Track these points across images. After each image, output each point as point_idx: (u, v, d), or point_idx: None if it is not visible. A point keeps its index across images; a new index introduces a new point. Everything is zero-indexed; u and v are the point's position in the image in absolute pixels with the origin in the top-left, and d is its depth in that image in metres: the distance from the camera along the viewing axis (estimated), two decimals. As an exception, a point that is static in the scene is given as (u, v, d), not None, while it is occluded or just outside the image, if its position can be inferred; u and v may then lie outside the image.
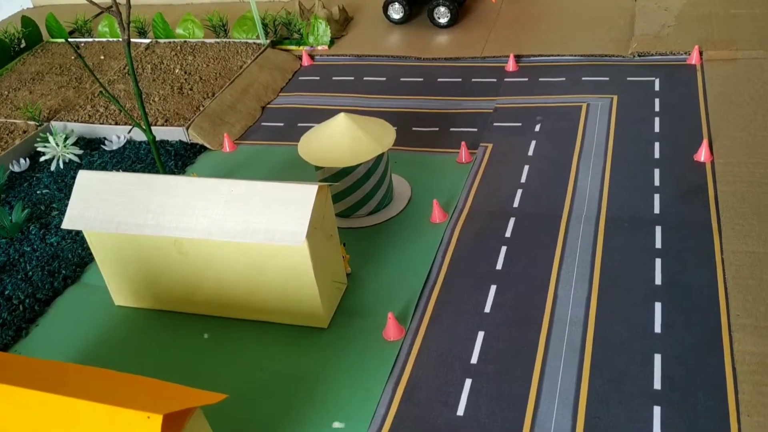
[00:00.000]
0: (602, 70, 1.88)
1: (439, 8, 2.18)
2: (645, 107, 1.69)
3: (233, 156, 1.81)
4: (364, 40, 2.23)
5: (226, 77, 2.07)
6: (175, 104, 1.97)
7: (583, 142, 1.61)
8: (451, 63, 2.05)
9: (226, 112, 1.93)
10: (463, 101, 1.86)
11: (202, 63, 2.17)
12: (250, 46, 2.23)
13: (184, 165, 1.79)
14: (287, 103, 2.00)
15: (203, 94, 2.00)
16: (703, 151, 1.48)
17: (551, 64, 1.95)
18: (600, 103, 1.74)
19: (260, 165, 1.75)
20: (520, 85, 1.88)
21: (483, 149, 1.66)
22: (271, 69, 2.12)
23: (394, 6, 2.25)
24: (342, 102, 1.95)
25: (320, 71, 2.13)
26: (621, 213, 1.37)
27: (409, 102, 1.90)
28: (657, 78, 1.80)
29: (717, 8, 2.02)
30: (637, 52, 1.90)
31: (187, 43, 2.31)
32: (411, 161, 1.66)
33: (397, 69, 2.07)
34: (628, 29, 2.02)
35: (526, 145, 1.64)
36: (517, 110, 1.78)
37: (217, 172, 1.74)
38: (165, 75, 2.14)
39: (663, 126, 1.61)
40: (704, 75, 1.77)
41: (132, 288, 1.32)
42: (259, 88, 2.04)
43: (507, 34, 2.12)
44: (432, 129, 1.78)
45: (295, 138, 1.82)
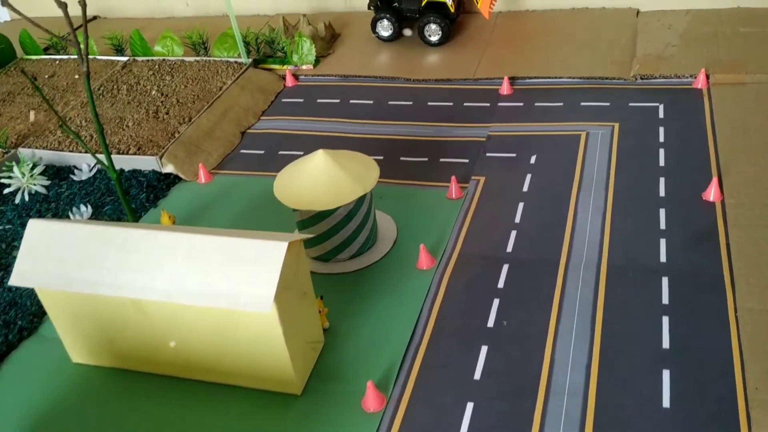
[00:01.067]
0: (602, 94, 1.76)
1: (430, 25, 2.07)
2: (648, 137, 1.58)
3: (209, 188, 1.69)
4: (351, 59, 2.12)
5: (204, 100, 1.95)
6: (150, 130, 1.85)
7: (583, 176, 1.50)
8: (442, 85, 1.94)
9: (203, 138, 1.81)
10: (455, 128, 1.75)
11: (180, 84, 2.05)
12: (231, 65, 2.11)
13: (156, 198, 1.67)
14: (269, 128, 1.89)
15: (179, 118, 1.88)
16: (712, 190, 1.36)
17: (548, 86, 1.84)
18: (600, 131, 1.63)
19: (236, 198, 1.63)
20: (514, 111, 1.77)
21: (475, 183, 1.54)
22: (252, 90, 2.00)
23: (383, 23, 2.13)
24: (327, 127, 1.84)
25: (304, 93, 2.02)
26: (624, 260, 1.26)
27: (398, 128, 1.79)
28: (661, 104, 1.68)
29: (724, 26, 1.91)
30: (639, 75, 1.79)
31: (166, 62, 2.19)
32: (398, 196, 1.55)
33: (385, 91, 1.95)
34: (630, 48, 1.91)
35: (521, 178, 1.53)
36: (511, 139, 1.67)
37: (191, 206, 1.63)
38: (141, 97, 2.02)
39: (668, 159, 1.50)
40: (711, 101, 1.66)
41: (90, 346, 1.20)
42: (239, 112, 1.92)
43: (501, 53, 2.01)
44: (421, 159, 1.66)
45: (275, 167, 1.70)
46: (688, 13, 2.02)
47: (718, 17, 1.97)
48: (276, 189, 1.33)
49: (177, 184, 1.72)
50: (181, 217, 1.58)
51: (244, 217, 1.56)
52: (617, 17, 2.08)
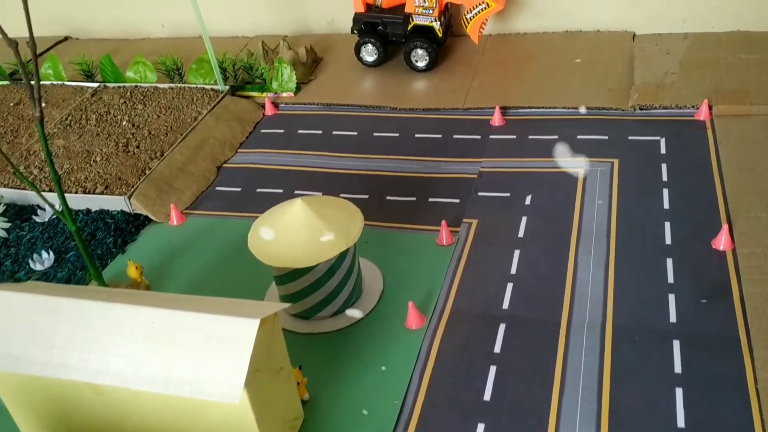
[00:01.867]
0: (600, 126, 1.66)
1: (417, 50, 1.96)
2: (651, 175, 1.48)
3: (181, 230, 1.58)
4: (334, 85, 2.01)
5: (177, 131, 1.84)
6: (119, 166, 1.73)
7: (582, 219, 1.40)
8: (430, 114, 1.83)
9: (176, 175, 1.70)
10: (444, 163, 1.64)
11: (153, 113, 1.94)
12: (207, 93, 2.00)
13: (124, 242, 1.55)
14: (246, 162, 1.77)
15: (151, 153, 1.77)
16: (723, 238, 1.27)
17: (542, 117, 1.74)
18: (599, 168, 1.53)
19: (210, 243, 1.52)
20: (507, 144, 1.67)
21: (467, 227, 1.44)
22: (229, 120, 1.89)
23: (367, 47, 2.02)
24: (308, 162, 1.73)
25: (285, 122, 1.91)
26: (631, 321, 1.16)
27: (384, 163, 1.68)
28: (662, 137, 1.59)
29: (725, 52, 1.82)
30: (638, 105, 1.69)
31: (138, 89, 2.07)
32: (384, 241, 1.44)
33: (370, 121, 1.85)
34: (627, 76, 1.81)
35: (516, 222, 1.43)
36: (504, 176, 1.57)
37: (161, 251, 1.51)
38: (111, 128, 1.90)
39: (673, 200, 1.40)
40: (715, 134, 1.56)
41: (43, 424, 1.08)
42: (215, 145, 1.81)
43: (492, 80, 1.90)
44: (409, 198, 1.56)
45: (252, 207, 1.60)
46: (686, 38, 1.93)
47: (718, 42, 1.87)
48: (251, 241, 1.22)
49: (147, 226, 1.61)
50: (149, 266, 1.47)
51: (217, 266, 1.45)
52: (613, 41, 1.98)
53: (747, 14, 1.89)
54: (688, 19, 1.94)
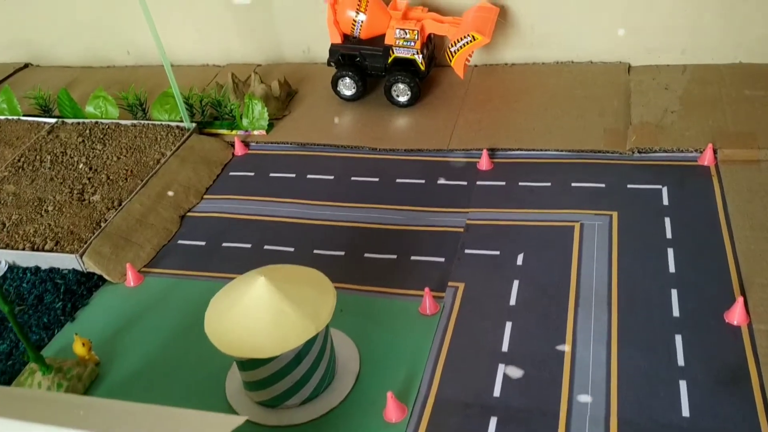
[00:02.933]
0: (596, 172, 1.53)
1: (398, 85, 1.82)
2: (653, 231, 1.35)
3: (137, 293, 1.43)
4: (310, 122, 1.87)
5: (138, 176, 1.69)
6: (72, 217, 1.58)
7: (580, 285, 1.26)
8: (413, 156, 1.69)
9: (134, 228, 1.55)
10: (428, 214, 1.51)
11: (113, 154, 1.79)
12: (172, 131, 1.85)
13: (74, 308, 1.41)
14: (212, 211, 1.63)
15: (108, 201, 1.62)
16: (737, 311, 1.14)
17: (532, 160, 1.61)
18: (597, 222, 1.40)
19: (169, 309, 1.37)
20: (495, 192, 1.53)
21: (452, 292, 1.30)
22: (195, 163, 1.74)
23: (345, 81, 1.88)
24: (280, 211, 1.59)
25: (255, 164, 1.76)
26: (638, 414, 1.02)
27: (362, 213, 1.54)
28: (664, 186, 1.46)
29: (728, 88, 1.70)
30: (636, 148, 1.56)
31: (98, 125, 1.92)
32: (361, 308, 1.30)
33: (348, 163, 1.71)
34: (624, 113, 1.68)
35: (507, 286, 1.29)
36: (493, 230, 1.43)
37: (113, 320, 1.37)
38: (66, 171, 1.75)
39: (679, 263, 1.27)
40: (722, 183, 1.44)
41: None
42: (179, 191, 1.66)
43: (478, 117, 1.77)
44: (389, 256, 1.42)
45: (217, 265, 1.46)
46: (686, 70, 1.80)
47: (719, 76, 1.75)
48: (208, 325, 1.07)
49: (101, 287, 1.46)
50: (101, 337, 1.32)
51: (175, 338, 1.31)
52: (607, 73, 1.85)
53: (749, 45, 1.77)
54: (687, 49, 1.82)
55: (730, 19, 1.74)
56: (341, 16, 1.81)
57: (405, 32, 1.77)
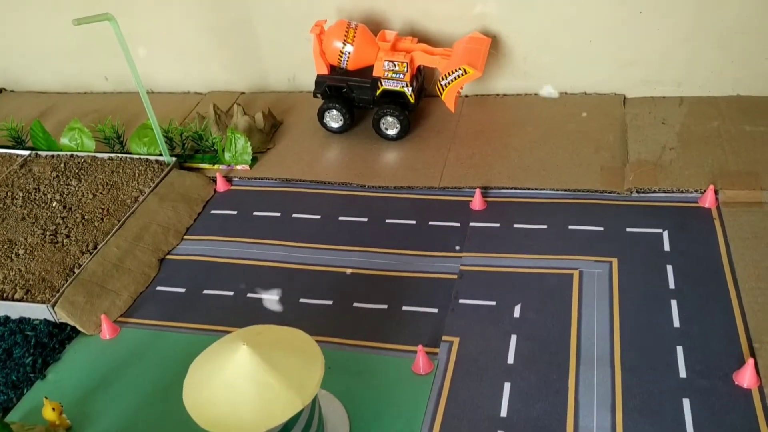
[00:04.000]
0: (593, 214, 1.47)
1: (387, 118, 1.76)
2: (655, 280, 1.30)
3: (112, 346, 1.35)
4: (295, 156, 1.80)
5: (115, 216, 1.61)
6: (44, 262, 1.50)
7: (580, 340, 1.20)
8: (403, 194, 1.63)
9: (110, 274, 1.47)
10: (419, 258, 1.44)
11: (88, 191, 1.71)
12: (151, 165, 1.77)
13: (45, 363, 1.32)
14: (193, 254, 1.55)
15: (82, 244, 1.54)
16: (747, 374, 1.08)
17: (527, 200, 1.55)
18: (596, 270, 1.34)
19: (146, 365, 1.30)
20: (490, 234, 1.47)
21: (447, 347, 1.23)
22: (174, 201, 1.66)
23: (332, 113, 1.82)
24: (264, 254, 1.51)
25: (238, 201, 1.69)
26: (648, 492, 0.96)
27: (350, 257, 1.47)
28: (665, 230, 1.40)
29: (726, 123, 1.65)
30: (635, 188, 1.51)
31: (74, 159, 1.84)
32: (350, 366, 1.23)
33: (335, 201, 1.64)
34: (621, 149, 1.63)
35: (505, 342, 1.23)
36: (488, 277, 1.37)
37: (86, 378, 1.29)
38: (39, 210, 1.67)
39: (684, 317, 1.22)
40: (724, 227, 1.38)
41: None
42: (157, 232, 1.58)
43: (470, 152, 1.71)
44: (379, 306, 1.35)
45: (197, 315, 1.39)
46: (682, 103, 1.75)
47: (717, 109, 1.70)
48: (187, 396, 1.00)
49: (75, 339, 1.38)
50: (73, 398, 1.24)
51: (152, 399, 1.23)
52: (602, 106, 1.80)
53: (746, 78, 1.73)
54: (684, 82, 1.77)
55: (727, 51, 1.70)
56: (328, 47, 1.74)
57: (394, 64, 1.70)
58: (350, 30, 1.72)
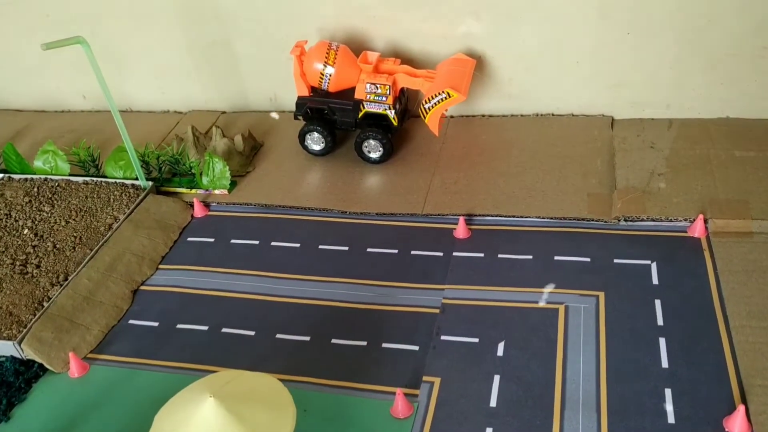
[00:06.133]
0: (580, 244, 1.43)
1: (369, 141, 1.72)
2: (643, 317, 1.25)
3: (81, 386, 1.30)
4: (276, 180, 1.75)
5: (87, 245, 1.56)
6: (12, 294, 1.45)
7: (566, 382, 1.16)
8: (385, 221, 1.58)
9: (80, 307, 1.42)
10: (400, 290, 1.40)
11: (61, 217, 1.65)
12: (126, 190, 1.72)
13: (10, 404, 1.27)
14: (167, 285, 1.50)
15: (52, 275, 1.49)
16: (737, 421, 1.04)
17: (512, 228, 1.50)
18: (582, 305, 1.30)
19: (114, 407, 1.25)
20: (473, 265, 1.43)
21: (427, 389, 1.19)
22: (150, 228, 1.61)
23: (313, 136, 1.77)
24: (241, 285, 1.47)
25: (216, 227, 1.64)
26: None
27: (330, 289, 1.42)
28: (653, 261, 1.36)
29: (716, 147, 1.61)
30: (622, 216, 1.46)
31: (48, 182, 1.79)
32: (326, 408, 1.18)
33: (315, 228, 1.59)
34: (608, 175, 1.59)
35: (488, 383, 1.18)
36: (471, 312, 1.32)
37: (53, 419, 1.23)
38: (9, 238, 1.62)
39: (673, 357, 1.17)
40: (714, 259, 1.34)
41: None
42: (132, 262, 1.53)
43: (455, 177, 1.66)
44: (358, 343, 1.30)
45: (170, 352, 1.35)
46: (671, 125, 1.72)
47: (707, 133, 1.67)
48: (150, 449, 0.95)
49: (42, 378, 1.33)
50: (37, 443, 1.19)
51: (121, 445, 1.18)
52: (589, 128, 1.76)
53: (736, 100, 1.69)
54: (672, 104, 1.73)
55: (717, 73, 1.66)
56: (308, 68, 1.70)
57: (376, 87, 1.66)
58: (331, 51, 1.68)
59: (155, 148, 1.79)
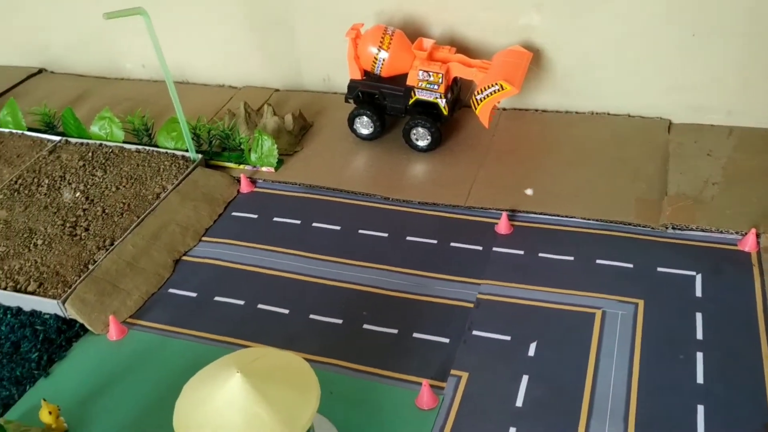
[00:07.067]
0: (624, 248, 1.40)
1: (418, 129, 1.70)
2: (682, 328, 1.22)
3: (119, 348, 1.34)
4: (322, 161, 1.76)
5: (135, 212, 1.60)
6: (60, 255, 1.49)
7: (595, 389, 1.14)
8: (427, 210, 1.57)
9: (123, 272, 1.45)
10: (437, 281, 1.39)
11: (112, 183, 1.70)
12: (176, 161, 1.75)
13: (50, 361, 1.32)
14: (209, 257, 1.53)
15: (99, 239, 1.53)
16: (772, 445, 1.00)
17: (555, 227, 1.48)
18: (620, 311, 1.27)
19: (149, 371, 1.28)
20: (512, 262, 1.41)
21: (454, 382, 1.18)
22: (196, 200, 1.64)
23: (362, 120, 1.77)
24: (280, 263, 1.48)
25: (260, 204, 1.66)
26: None
27: (366, 274, 1.43)
28: (698, 273, 1.32)
29: (777, 159, 1.55)
30: (670, 224, 1.42)
31: (102, 148, 1.83)
32: (352, 393, 1.19)
33: (357, 213, 1.59)
34: (660, 180, 1.55)
35: (516, 382, 1.17)
36: (506, 309, 1.31)
37: (89, 380, 1.27)
38: (62, 200, 1.66)
39: (709, 374, 1.14)
40: (763, 276, 1.30)
41: None
42: (176, 232, 1.56)
43: (501, 171, 1.64)
44: (389, 330, 1.30)
45: (205, 323, 1.37)
46: (731, 134, 1.66)
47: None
48: (178, 419, 0.97)
49: (82, 338, 1.37)
50: (73, 399, 1.23)
51: (151, 409, 1.21)
52: (645, 131, 1.71)
53: (804, 111, 1.62)
54: (734, 111, 1.67)
55: (785, 81, 1.59)
56: (362, 52, 1.69)
57: (429, 74, 1.64)
58: (386, 36, 1.67)
59: (207, 122, 1.82)
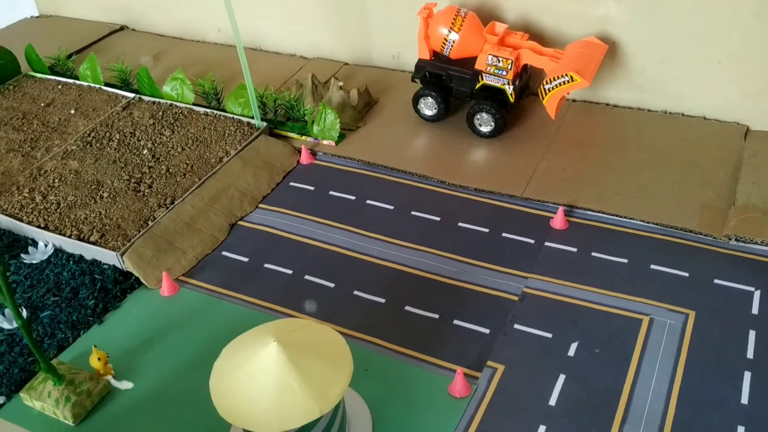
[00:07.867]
0: (681, 256, 1.36)
1: (482, 114, 1.68)
2: (733, 345, 1.18)
3: (170, 304, 1.38)
4: (383, 139, 1.76)
5: (197, 174, 1.64)
6: (123, 209, 1.55)
7: (632, 398, 1.12)
8: (482, 197, 1.56)
9: (181, 231, 1.50)
10: (484, 270, 1.38)
11: (178, 144, 1.74)
12: (241, 127, 1.79)
13: (105, 309, 1.38)
14: (263, 224, 1.56)
15: (161, 197, 1.58)
16: (812, 477, 0.96)
17: (612, 227, 1.44)
18: (669, 321, 1.23)
19: (196, 329, 1.32)
20: (564, 259, 1.38)
21: (489, 374, 1.18)
22: (257, 167, 1.67)
23: (427, 100, 1.76)
24: (331, 237, 1.50)
25: (318, 177, 1.68)
26: None
27: (414, 257, 1.43)
28: (757, 289, 1.27)
29: None
30: (734, 235, 1.37)
31: (172, 108, 1.88)
32: (387, 372, 1.20)
33: (412, 193, 1.59)
34: (729, 189, 1.49)
35: (551, 380, 1.16)
36: (551, 305, 1.29)
37: (138, 331, 1.33)
38: (130, 155, 1.73)
39: (755, 393, 1.10)
40: (828, 299, 1.24)
41: None
42: (234, 196, 1.60)
43: (563, 165, 1.61)
44: (431, 315, 1.31)
45: (254, 289, 1.40)
46: (813, 146, 1.57)
47: None
48: (213, 379, 1.00)
49: (136, 291, 1.42)
50: (122, 348, 1.29)
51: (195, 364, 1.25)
52: (719, 135, 1.64)
53: None
54: (819, 122, 1.58)
55: None
56: (433, 32, 1.68)
57: (498, 60, 1.62)
58: (458, 17, 1.65)
59: (275, 91, 1.84)
